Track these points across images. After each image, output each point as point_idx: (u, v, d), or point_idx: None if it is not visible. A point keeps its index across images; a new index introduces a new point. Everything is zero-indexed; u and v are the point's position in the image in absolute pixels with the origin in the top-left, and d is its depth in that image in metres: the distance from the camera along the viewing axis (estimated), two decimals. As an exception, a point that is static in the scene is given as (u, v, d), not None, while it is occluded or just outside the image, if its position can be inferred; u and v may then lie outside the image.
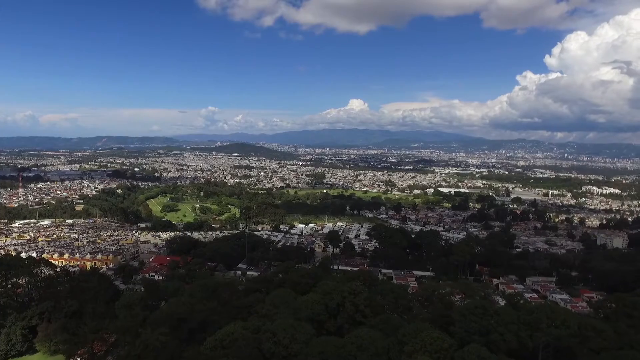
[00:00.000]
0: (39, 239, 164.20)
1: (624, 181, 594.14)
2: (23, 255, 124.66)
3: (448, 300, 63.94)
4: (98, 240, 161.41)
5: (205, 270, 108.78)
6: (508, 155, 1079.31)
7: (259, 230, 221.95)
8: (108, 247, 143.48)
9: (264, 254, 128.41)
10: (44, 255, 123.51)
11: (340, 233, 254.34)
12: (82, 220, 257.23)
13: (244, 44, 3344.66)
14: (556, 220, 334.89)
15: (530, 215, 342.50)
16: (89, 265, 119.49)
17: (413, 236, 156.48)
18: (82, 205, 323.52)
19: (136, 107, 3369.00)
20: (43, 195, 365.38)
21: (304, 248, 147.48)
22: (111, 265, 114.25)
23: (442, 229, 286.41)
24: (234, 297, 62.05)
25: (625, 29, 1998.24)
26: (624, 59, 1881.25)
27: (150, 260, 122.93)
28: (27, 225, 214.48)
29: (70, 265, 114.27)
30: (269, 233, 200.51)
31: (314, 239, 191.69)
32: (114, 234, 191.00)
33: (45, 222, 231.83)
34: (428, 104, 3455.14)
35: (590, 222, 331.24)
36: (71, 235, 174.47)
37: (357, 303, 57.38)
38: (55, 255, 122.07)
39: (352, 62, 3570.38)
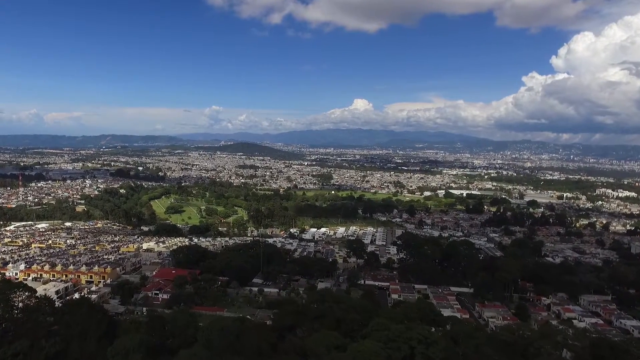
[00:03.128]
0: (32, 246, 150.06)
1: (636, 184, 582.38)
2: (10, 265, 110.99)
3: (550, 354, 49.11)
4: (96, 247, 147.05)
5: (217, 288, 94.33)
6: (513, 156, 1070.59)
7: (270, 237, 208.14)
8: (107, 256, 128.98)
9: (282, 266, 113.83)
10: (34, 266, 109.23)
11: (353, 239, 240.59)
12: (81, 223, 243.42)
13: (251, 42, 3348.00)
14: (577, 225, 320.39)
15: (551, 220, 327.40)
16: (83, 278, 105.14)
17: (444, 246, 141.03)
18: (83, 206, 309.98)
19: (140, 106, 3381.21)
20: (43, 195, 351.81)
21: (325, 259, 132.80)
22: (108, 281, 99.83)
23: (461, 234, 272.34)
24: (264, 343, 47.28)
25: (634, 30, 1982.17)
26: (632, 59, 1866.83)
27: (154, 273, 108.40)
28: (22, 229, 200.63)
29: (62, 280, 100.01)
30: (283, 240, 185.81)
31: (331, 246, 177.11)
32: (115, 239, 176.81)
33: (43, 225, 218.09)
34: (432, 104, 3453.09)
35: (614, 227, 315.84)
36: (68, 241, 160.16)
37: (431, 356, 42.96)
38: (47, 267, 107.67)
39: (358, 62, 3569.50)
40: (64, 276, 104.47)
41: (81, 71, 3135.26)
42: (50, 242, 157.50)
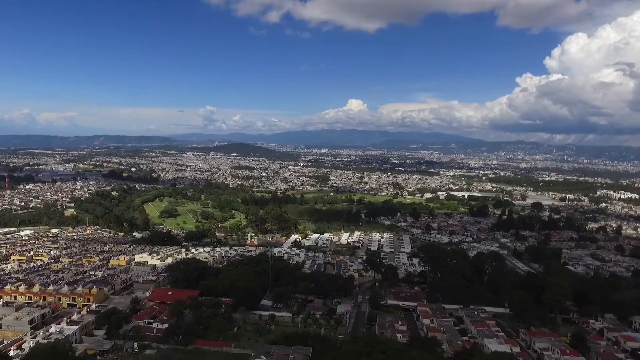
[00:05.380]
0: (11, 258, 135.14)
1: (636, 185, 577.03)
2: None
3: None
4: (83, 260, 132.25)
5: (221, 315, 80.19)
6: (508, 157, 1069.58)
7: (274, 245, 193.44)
8: (93, 272, 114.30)
9: (293, 285, 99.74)
10: (7, 287, 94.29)
11: (359, 246, 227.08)
12: (69, 229, 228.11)
13: (248, 41, 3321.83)
14: (586, 228, 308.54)
15: (560, 224, 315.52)
16: (65, 301, 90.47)
17: (470, 258, 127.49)
18: (73, 210, 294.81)
19: (134, 106, 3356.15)
20: (31, 198, 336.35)
21: (340, 275, 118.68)
22: (93, 306, 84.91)
23: (471, 239, 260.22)
24: None
25: (628, 31, 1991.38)
26: (626, 60, 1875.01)
27: (147, 294, 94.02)
28: (3, 237, 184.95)
29: (39, 305, 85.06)
30: (289, 250, 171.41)
31: (342, 257, 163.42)
32: (104, 249, 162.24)
33: (27, 232, 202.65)
34: (426, 105, 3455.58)
35: (625, 231, 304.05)
36: (52, 252, 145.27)
37: None
38: (22, 287, 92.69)
39: (355, 62, 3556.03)
40: (42, 299, 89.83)
41: (75, 71, 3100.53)
42: (32, 253, 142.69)
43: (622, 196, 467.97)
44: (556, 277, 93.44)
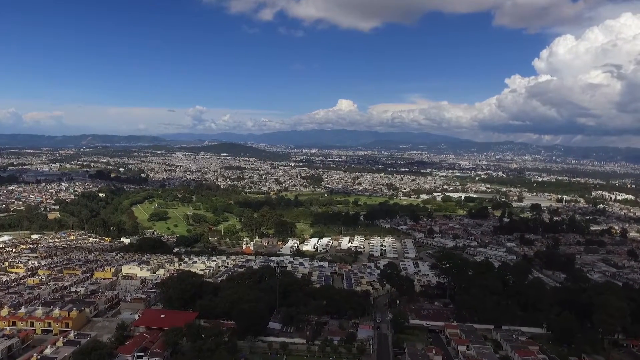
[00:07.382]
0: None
1: (629, 185, 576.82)
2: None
3: None
4: (64, 273, 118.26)
5: (225, 345, 67.33)
6: (497, 157, 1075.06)
7: (274, 254, 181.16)
8: (74, 287, 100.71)
9: (303, 303, 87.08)
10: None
11: (361, 251, 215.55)
12: (52, 235, 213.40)
13: (240, 39, 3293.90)
14: (590, 230, 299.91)
15: (565, 226, 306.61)
16: (39, 327, 77.03)
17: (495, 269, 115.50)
18: (57, 213, 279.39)
19: (123, 106, 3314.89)
20: (12, 200, 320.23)
21: (355, 291, 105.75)
22: (72, 335, 71.20)
23: (476, 243, 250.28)
24: None
25: (616, 33, 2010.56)
26: (614, 62, 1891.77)
27: (136, 317, 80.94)
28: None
29: (5, 334, 71.06)
30: (291, 259, 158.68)
31: (350, 267, 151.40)
32: (89, 257, 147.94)
33: (4, 238, 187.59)
34: (416, 105, 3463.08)
35: (629, 234, 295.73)
36: (29, 263, 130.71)
37: None
38: (-13, 310, 79.36)
39: (347, 62, 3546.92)
40: (11, 324, 76.29)
41: (63, 70, 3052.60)
42: (6, 264, 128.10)
43: (618, 197, 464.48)
44: (610, 295, 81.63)
